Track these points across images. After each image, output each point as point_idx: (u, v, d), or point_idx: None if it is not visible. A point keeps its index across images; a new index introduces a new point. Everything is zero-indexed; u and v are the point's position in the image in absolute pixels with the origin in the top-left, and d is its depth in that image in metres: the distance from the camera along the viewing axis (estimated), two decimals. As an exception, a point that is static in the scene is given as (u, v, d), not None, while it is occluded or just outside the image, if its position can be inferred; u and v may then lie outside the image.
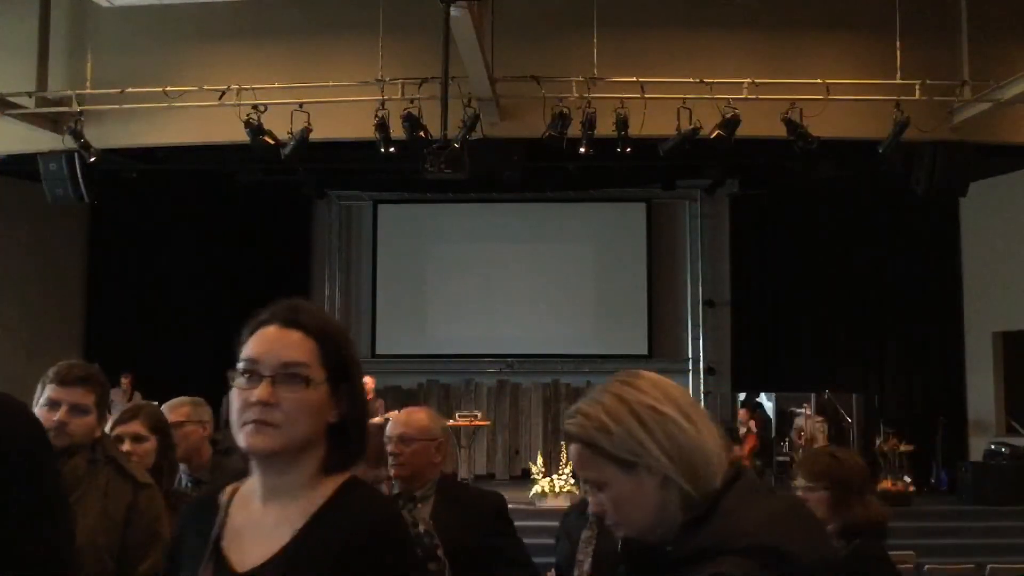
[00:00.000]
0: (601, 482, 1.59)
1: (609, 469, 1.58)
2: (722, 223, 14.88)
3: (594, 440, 1.60)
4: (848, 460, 3.05)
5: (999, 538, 10.25)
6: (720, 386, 14.62)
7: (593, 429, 1.60)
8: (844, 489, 2.95)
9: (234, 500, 1.57)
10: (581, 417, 1.61)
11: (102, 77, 9.28)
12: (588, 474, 1.60)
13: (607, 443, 1.58)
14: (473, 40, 7.33)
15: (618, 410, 1.60)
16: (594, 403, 1.63)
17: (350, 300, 15.28)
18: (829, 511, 2.94)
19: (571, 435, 1.62)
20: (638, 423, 1.59)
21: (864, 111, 9.01)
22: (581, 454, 1.61)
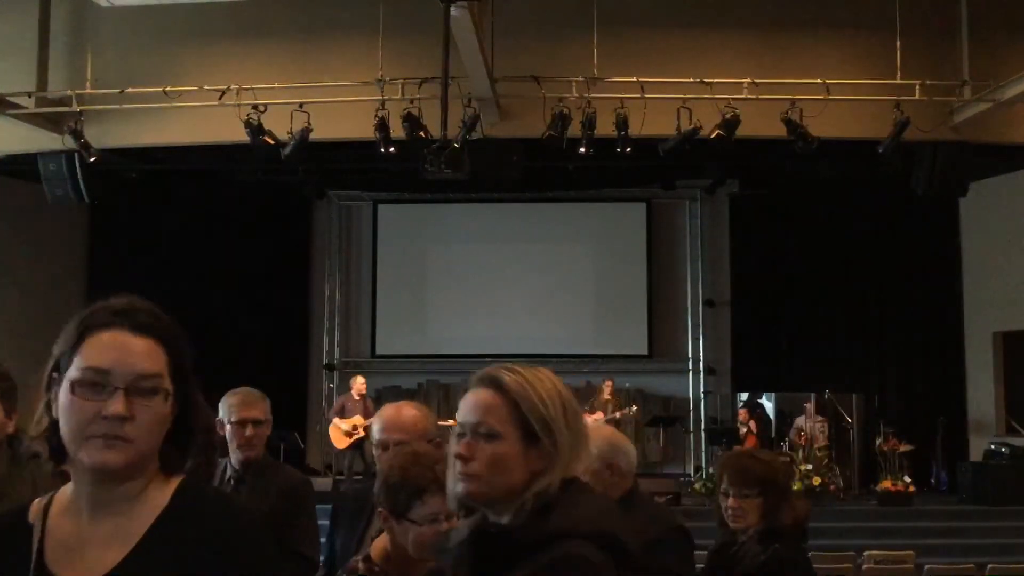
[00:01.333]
0: (494, 434, 1.64)
1: (511, 428, 1.65)
2: (722, 223, 14.88)
3: (519, 397, 1.68)
4: (775, 463, 3.04)
5: (999, 538, 10.25)
6: (720, 386, 14.62)
7: (525, 387, 1.69)
8: (777, 494, 2.94)
9: (50, 515, 1.44)
10: (518, 375, 1.71)
11: (102, 77, 9.28)
12: (488, 421, 1.65)
13: (528, 407, 1.67)
14: (473, 40, 7.33)
15: (552, 390, 1.73)
16: (532, 373, 1.75)
17: (350, 300, 15.28)
18: (761, 516, 2.92)
19: (499, 382, 1.69)
20: (562, 410, 1.70)
21: (864, 111, 9.01)
22: (494, 402, 1.67)
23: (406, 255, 15.05)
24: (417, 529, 2.26)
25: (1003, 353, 12.77)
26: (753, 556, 2.90)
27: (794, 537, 2.99)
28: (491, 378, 1.72)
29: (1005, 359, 12.76)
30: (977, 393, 13.00)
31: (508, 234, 14.94)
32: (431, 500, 2.25)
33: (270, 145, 8.74)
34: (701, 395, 14.59)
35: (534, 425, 1.65)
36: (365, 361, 14.92)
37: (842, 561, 7.90)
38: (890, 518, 10.77)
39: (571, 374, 14.61)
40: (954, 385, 13.26)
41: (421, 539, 2.25)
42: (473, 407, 1.69)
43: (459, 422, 1.70)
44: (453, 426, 1.72)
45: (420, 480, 2.28)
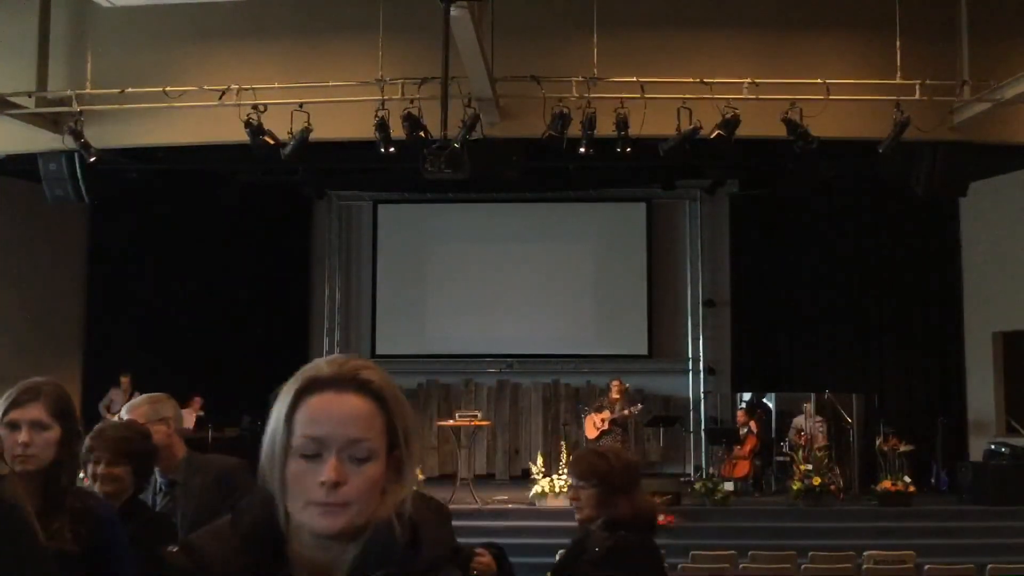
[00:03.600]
0: (373, 451, 1.33)
1: (382, 445, 1.35)
2: (722, 223, 14.88)
3: (393, 403, 1.38)
4: (614, 459, 3.14)
5: (999, 538, 10.25)
6: (720, 386, 14.62)
7: (392, 388, 1.40)
8: (610, 486, 3.04)
9: None
10: (378, 371, 1.39)
11: (102, 77, 9.28)
12: (368, 437, 1.33)
13: (400, 418, 1.38)
14: (473, 40, 7.33)
15: (402, 397, 1.42)
16: (380, 370, 1.42)
17: (350, 300, 15.28)
18: (596, 507, 3.05)
19: (370, 386, 1.36)
20: (410, 412, 1.43)
21: (864, 111, 9.01)
22: (369, 412, 1.35)
23: (406, 255, 15.05)
24: None
25: (1003, 353, 12.77)
26: (600, 542, 3.03)
27: (640, 528, 3.10)
28: (358, 380, 1.36)
29: (1005, 359, 12.76)
30: (977, 393, 13.00)
31: (508, 234, 14.94)
32: None
33: (270, 145, 8.74)
34: (701, 395, 14.60)
35: (400, 436, 1.37)
36: (365, 361, 14.91)
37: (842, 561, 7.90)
38: (890, 518, 10.77)
39: (571, 374, 14.66)
40: (954, 385, 13.26)
41: None
42: (347, 418, 1.32)
43: (317, 436, 1.31)
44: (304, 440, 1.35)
45: None
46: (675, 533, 10.28)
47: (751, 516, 11.06)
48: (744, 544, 8.90)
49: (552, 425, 14.32)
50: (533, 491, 11.16)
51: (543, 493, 11.06)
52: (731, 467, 12.24)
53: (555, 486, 11.03)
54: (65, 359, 13.22)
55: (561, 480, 11.09)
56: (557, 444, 12.21)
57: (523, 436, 14.62)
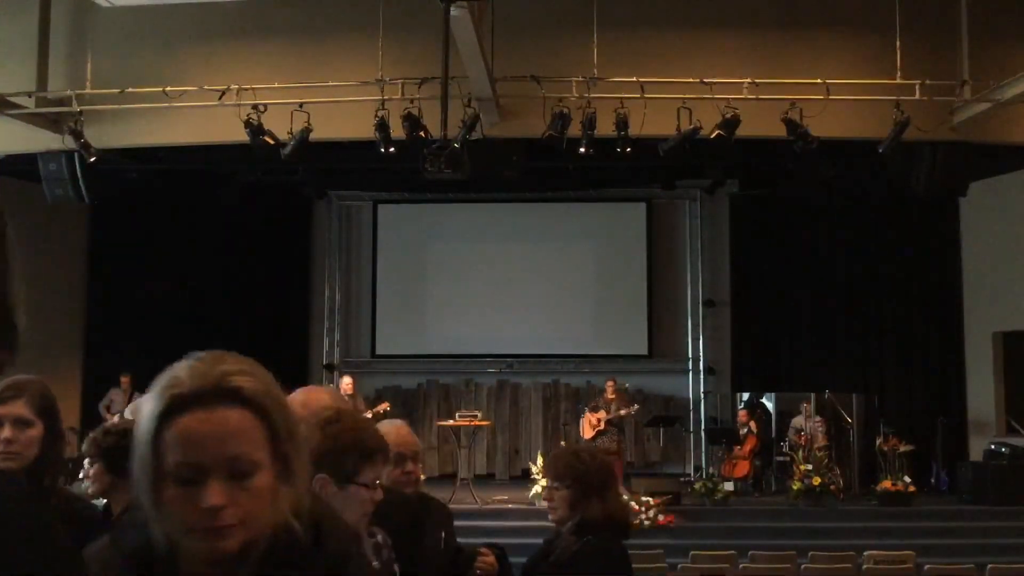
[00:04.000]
0: (257, 463, 1.23)
1: (266, 452, 1.25)
2: (722, 223, 14.88)
3: (269, 409, 1.26)
4: (590, 460, 3.11)
5: (999, 538, 10.25)
6: (720, 386, 14.62)
7: (269, 394, 1.28)
8: (584, 488, 3.01)
9: None
10: (251, 378, 1.27)
11: (102, 77, 9.28)
12: (247, 450, 1.23)
13: (279, 418, 1.27)
14: (473, 40, 7.33)
15: (278, 391, 1.31)
16: (246, 363, 1.30)
17: (350, 300, 15.28)
18: (570, 508, 3.02)
19: (242, 395, 1.24)
20: (287, 404, 1.32)
21: (864, 111, 9.01)
22: (246, 422, 1.24)
23: (406, 255, 15.05)
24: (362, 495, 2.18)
25: (1003, 353, 12.77)
26: (568, 546, 3.01)
27: (611, 531, 3.06)
28: (227, 390, 1.24)
29: (1005, 359, 12.76)
30: (977, 393, 13.00)
31: (508, 234, 14.94)
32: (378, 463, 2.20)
33: (270, 145, 8.74)
34: (701, 395, 14.59)
35: (282, 434, 1.27)
36: (365, 361, 14.92)
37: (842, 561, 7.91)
38: (890, 518, 10.77)
39: (571, 374, 14.65)
40: (954, 385, 13.26)
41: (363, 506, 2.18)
42: (222, 437, 1.21)
43: (193, 462, 1.21)
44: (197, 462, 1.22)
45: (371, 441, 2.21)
46: (675, 533, 10.29)
47: (751, 516, 11.06)
48: (744, 544, 8.90)
49: (552, 425, 14.31)
50: (533, 491, 11.16)
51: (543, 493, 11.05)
52: (731, 467, 12.24)
53: (555, 486, 11.01)
54: (65, 359, 13.21)
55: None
56: (557, 444, 12.19)
57: (523, 436, 14.62)
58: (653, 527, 10.30)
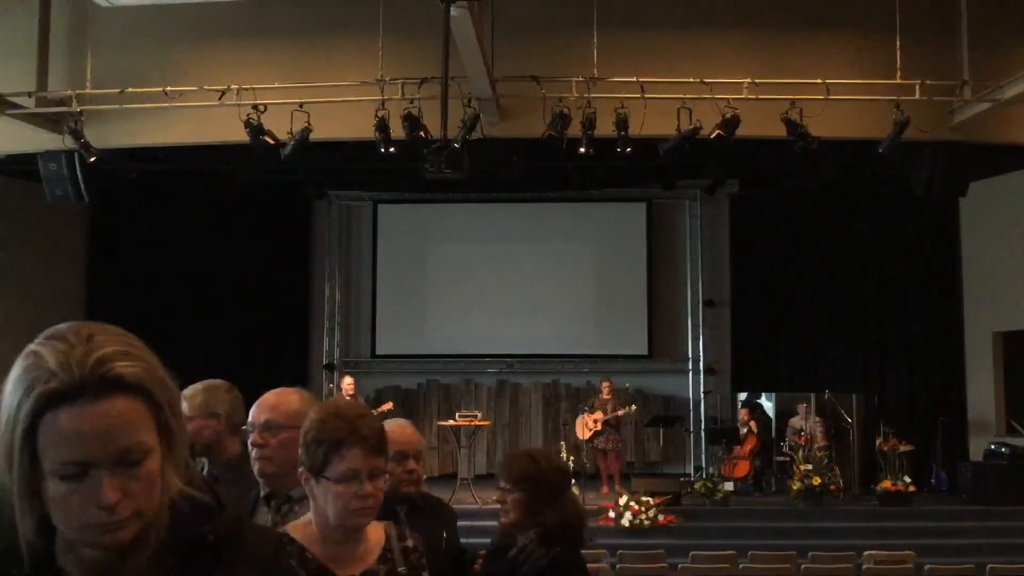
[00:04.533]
0: (145, 451, 1.16)
1: (154, 433, 1.18)
2: (722, 223, 14.88)
3: (153, 389, 1.18)
4: (546, 463, 3.04)
5: (999, 538, 10.26)
6: (720, 386, 14.62)
7: (150, 371, 1.19)
8: (539, 492, 2.94)
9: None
10: (130, 360, 1.16)
11: (102, 77, 9.28)
12: (135, 440, 1.15)
13: (162, 393, 1.19)
14: (473, 40, 7.33)
15: (153, 360, 1.21)
16: (125, 340, 1.19)
17: (350, 300, 15.28)
18: (523, 512, 2.94)
19: (128, 379, 1.14)
20: (164, 374, 1.23)
21: (864, 111, 9.01)
22: (135, 409, 1.15)
23: (406, 255, 15.05)
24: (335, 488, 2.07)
25: (1003, 353, 12.77)
26: (535, 560, 2.91)
27: (571, 541, 3.00)
28: (110, 379, 1.13)
29: (1005, 359, 12.76)
30: (977, 393, 13.00)
31: (508, 234, 14.94)
32: (349, 454, 2.06)
33: (270, 145, 8.73)
34: (701, 395, 14.59)
35: (166, 410, 1.20)
36: (365, 361, 14.93)
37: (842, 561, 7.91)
38: (890, 518, 10.77)
39: (571, 374, 14.66)
40: (954, 385, 13.26)
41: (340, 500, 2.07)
42: (112, 431, 1.13)
43: (80, 460, 1.12)
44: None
45: (337, 433, 2.08)
46: (675, 533, 10.29)
47: (751, 516, 11.07)
48: (744, 544, 8.91)
49: (552, 425, 14.31)
50: (533, 491, 11.15)
51: (543, 493, 11.05)
52: (731, 467, 12.24)
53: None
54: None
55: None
56: (557, 444, 12.20)
57: (523, 436, 14.62)
58: (653, 527, 10.31)
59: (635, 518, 10.35)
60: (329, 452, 2.08)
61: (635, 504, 10.43)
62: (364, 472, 2.08)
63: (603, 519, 10.52)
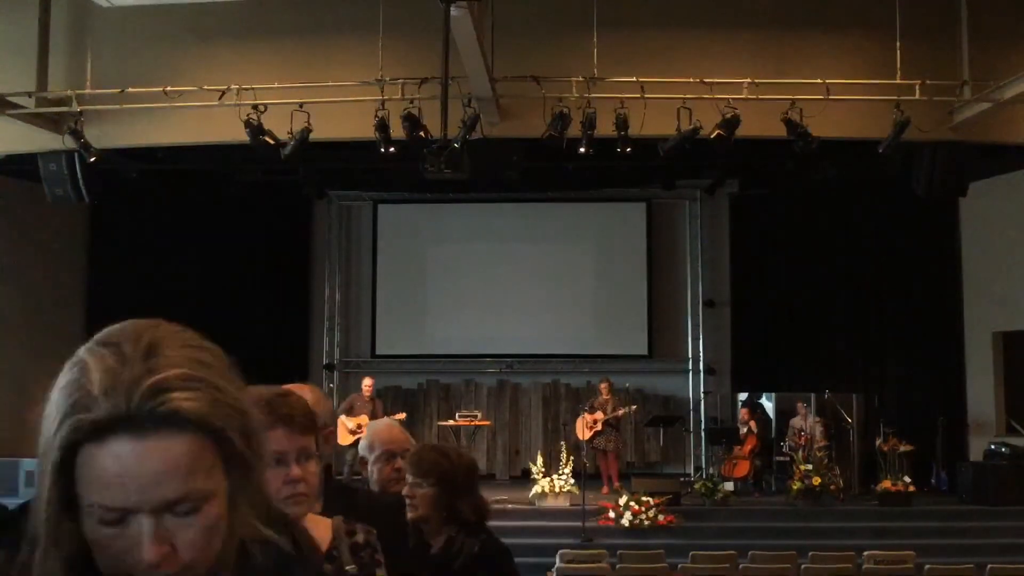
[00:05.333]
0: (205, 496, 0.95)
1: (218, 476, 0.97)
2: (722, 223, 14.88)
3: (221, 422, 0.96)
4: (456, 458, 3.07)
5: (999, 538, 10.25)
6: (720, 386, 14.62)
7: (219, 398, 0.96)
8: (450, 486, 2.96)
9: None
10: (192, 389, 0.94)
11: (102, 77, 9.28)
12: (192, 487, 0.94)
13: (235, 425, 0.97)
14: (473, 40, 7.33)
15: (225, 377, 1.00)
16: (194, 358, 0.98)
17: (350, 300, 15.28)
18: (434, 506, 2.96)
19: (184, 414, 0.92)
20: (240, 399, 1.01)
21: (864, 111, 9.01)
22: (190, 451, 0.93)
23: (406, 255, 15.05)
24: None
25: (1003, 353, 12.77)
26: (469, 548, 2.96)
27: (484, 529, 3.05)
28: (161, 415, 0.92)
29: (1005, 359, 12.76)
30: (977, 393, 13.00)
31: (508, 234, 14.94)
32: (272, 436, 1.85)
33: (270, 145, 8.74)
34: (701, 395, 14.60)
35: (238, 444, 0.98)
36: (365, 361, 14.93)
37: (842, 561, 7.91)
38: (890, 518, 10.77)
39: (571, 374, 14.66)
40: (954, 385, 13.26)
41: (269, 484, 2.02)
42: (157, 478, 0.92)
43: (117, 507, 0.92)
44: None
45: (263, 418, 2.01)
46: (675, 533, 10.29)
47: (751, 516, 11.06)
48: (744, 544, 8.90)
49: (552, 425, 14.31)
50: (533, 491, 11.16)
51: (543, 493, 11.06)
52: (731, 467, 12.24)
53: (555, 486, 11.03)
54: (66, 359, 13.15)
55: (561, 480, 11.10)
56: (557, 444, 12.20)
57: (523, 436, 14.62)
58: (653, 527, 10.30)
59: (635, 518, 10.34)
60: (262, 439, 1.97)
61: (635, 504, 10.43)
62: (291, 454, 1.92)
63: (603, 519, 10.52)
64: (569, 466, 11.21)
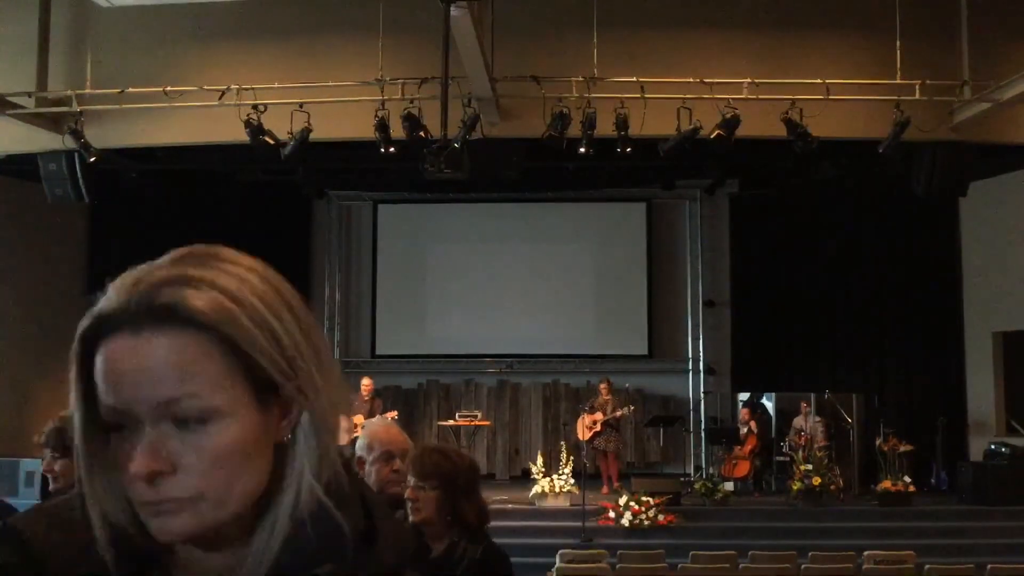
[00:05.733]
0: (211, 409, 0.84)
1: (232, 391, 0.85)
2: (722, 223, 14.88)
3: (229, 322, 0.86)
4: (459, 460, 3.01)
5: (999, 538, 10.25)
6: (720, 386, 14.62)
7: (254, 324, 0.87)
8: (453, 488, 2.90)
9: None
10: (202, 287, 0.88)
11: (102, 77, 9.28)
12: (190, 390, 0.84)
13: (250, 330, 0.86)
14: (473, 40, 7.33)
15: (268, 293, 0.93)
16: (216, 267, 0.93)
17: (350, 300, 15.28)
18: (438, 510, 2.90)
19: (184, 311, 0.86)
20: (294, 319, 0.92)
21: (864, 111, 9.01)
22: (187, 350, 0.84)
23: (406, 255, 15.05)
24: None
25: (1003, 353, 12.77)
26: (471, 554, 2.92)
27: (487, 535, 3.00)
28: (158, 308, 0.87)
29: (1005, 359, 12.76)
30: (977, 393, 13.00)
31: (508, 234, 14.94)
32: None
33: (270, 145, 8.74)
34: (701, 395, 14.59)
35: (270, 371, 0.87)
36: (365, 361, 14.92)
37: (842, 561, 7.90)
38: (890, 518, 10.76)
39: (571, 374, 14.65)
40: (954, 385, 13.26)
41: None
42: (147, 374, 0.84)
43: (111, 404, 0.86)
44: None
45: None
46: (675, 533, 10.29)
47: (751, 516, 11.06)
48: (744, 544, 8.90)
49: (552, 425, 14.31)
50: (533, 491, 11.16)
51: (543, 493, 11.06)
52: (731, 467, 12.24)
53: (555, 486, 11.03)
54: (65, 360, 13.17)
55: (561, 480, 11.10)
56: (557, 444, 12.20)
57: (523, 436, 14.62)
58: (653, 527, 10.31)
59: (635, 518, 10.34)
60: None
61: (635, 504, 10.43)
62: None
63: (603, 519, 10.52)
64: (569, 466, 11.21)
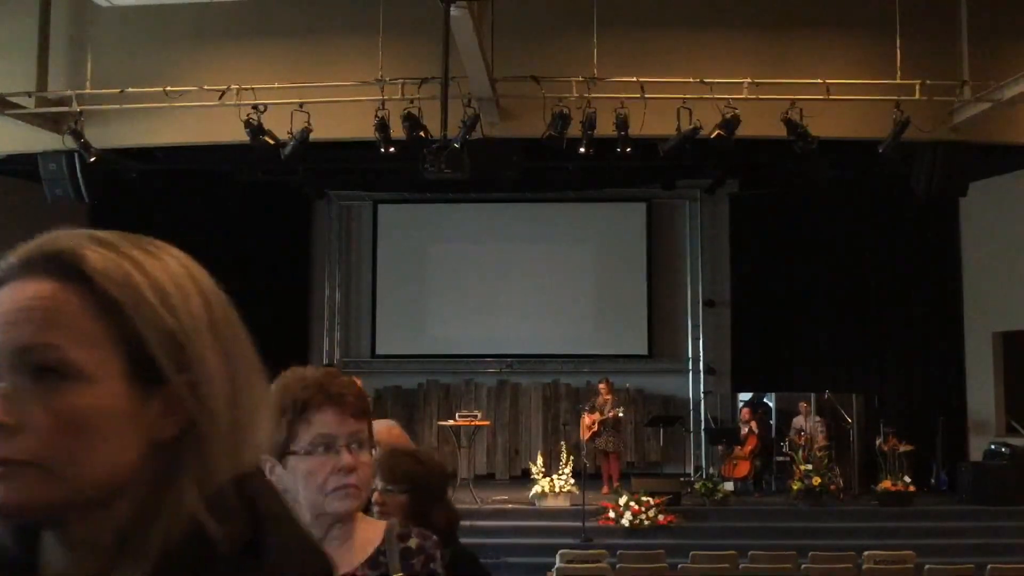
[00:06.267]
0: (69, 364, 0.77)
1: (108, 357, 0.79)
2: (722, 223, 14.88)
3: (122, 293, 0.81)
4: (429, 464, 2.97)
5: (999, 538, 10.25)
6: (720, 386, 14.62)
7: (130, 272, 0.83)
8: (423, 493, 2.86)
9: None
10: (116, 254, 0.83)
11: (102, 77, 9.28)
12: (47, 339, 0.77)
13: (157, 319, 0.81)
14: (473, 40, 7.33)
15: (184, 279, 0.90)
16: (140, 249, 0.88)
17: (350, 300, 15.28)
18: (407, 514, 2.83)
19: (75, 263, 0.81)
20: (208, 317, 0.88)
21: (864, 111, 9.01)
22: (56, 297, 0.79)
23: (406, 255, 15.06)
24: (304, 465, 1.61)
25: (1003, 353, 12.77)
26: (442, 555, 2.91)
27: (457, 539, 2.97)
28: (43, 256, 0.82)
29: (1005, 359, 12.76)
30: (977, 393, 13.00)
31: (508, 234, 14.94)
32: (318, 419, 1.63)
33: (270, 145, 8.74)
34: (701, 395, 14.60)
35: (154, 349, 0.80)
36: (365, 361, 14.92)
37: (842, 561, 7.91)
38: (890, 518, 10.77)
39: (571, 374, 14.66)
40: (954, 385, 13.26)
41: (312, 479, 1.63)
42: (12, 315, 0.79)
43: None
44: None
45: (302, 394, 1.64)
46: (675, 533, 10.29)
47: (751, 516, 11.07)
48: (744, 544, 8.91)
49: (552, 425, 14.32)
50: (533, 491, 11.17)
51: (543, 493, 11.06)
52: (731, 467, 12.24)
53: (555, 486, 11.03)
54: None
55: (561, 480, 11.10)
56: (557, 444, 12.21)
57: (523, 436, 14.62)
58: (653, 527, 10.31)
59: (635, 518, 10.35)
60: (293, 421, 1.63)
61: (635, 504, 10.43)
62: (341, 439, 1.64)
63: (603, 519, 10.52)
64: (569, 466, 11.21)
